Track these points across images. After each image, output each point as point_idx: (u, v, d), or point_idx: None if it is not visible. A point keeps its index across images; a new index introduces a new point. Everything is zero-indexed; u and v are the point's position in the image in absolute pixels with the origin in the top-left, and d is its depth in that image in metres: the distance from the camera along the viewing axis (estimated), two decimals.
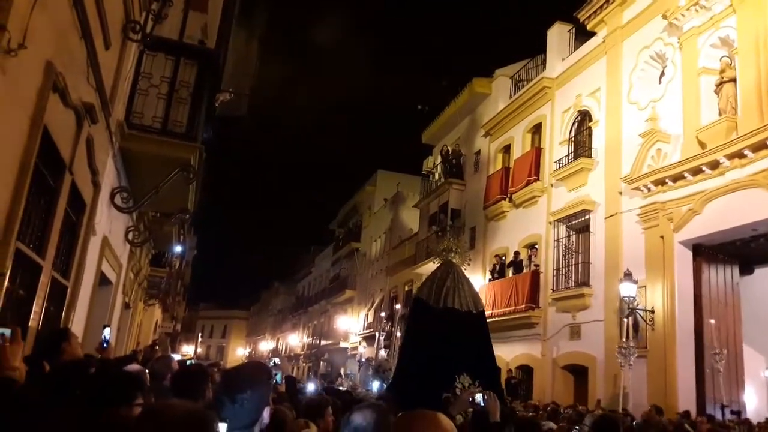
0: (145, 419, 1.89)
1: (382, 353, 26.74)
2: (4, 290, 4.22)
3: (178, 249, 19.99)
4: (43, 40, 4.24)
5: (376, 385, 17.61)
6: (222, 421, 2.35)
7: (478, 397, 5.48)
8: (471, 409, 5.56)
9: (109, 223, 8.40)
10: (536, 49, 21.86)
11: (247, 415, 2.65)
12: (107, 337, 5.89)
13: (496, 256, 21.13)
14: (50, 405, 2.59)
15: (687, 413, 11.72)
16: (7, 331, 3.14)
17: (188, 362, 8.00)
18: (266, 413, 2.79)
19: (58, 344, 4.11)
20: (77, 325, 7.18)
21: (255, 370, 2.96)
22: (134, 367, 4.30)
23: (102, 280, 8.87)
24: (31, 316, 5.18)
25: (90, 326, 8.19)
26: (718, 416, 11.98)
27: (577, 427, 9.27)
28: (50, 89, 4.48)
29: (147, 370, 4.69)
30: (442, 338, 10.07)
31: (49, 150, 4.87)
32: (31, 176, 4.40)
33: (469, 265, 12.39)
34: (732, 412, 12.25)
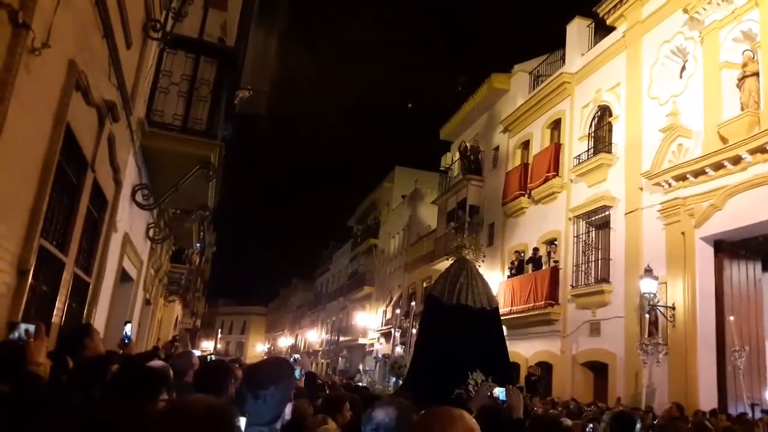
0: (168, 414, 1.91)
1: (398, 350, 26.75)
2: (28, 286, 4.29)
3: (198, 245, 20.14)
4: (66, 39, 4.29)
5: (392, 382, 17.64)
6: (242, 415, 2.37)
7: (497, 391, 5.46)
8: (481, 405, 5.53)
9: (130, 220, 8.49)
10: (555, 44, 21.71)
11: (269, 411, 2.67)
12: (129, 333, 5.97)
13: (515, 252, 21.04)
14: (69, 401, 2.63)
15: (714, 411, 11.59)
16: (32, 327, 3.19)
17: (208, 358, 8.03)
18: (288, 409, 2.81)
19: (81, 340, 4.16)
20: (99, 321, 7.27)
21: (278, 366, 2.97)
22: (158, 363, 4.34)
23: (123, 277, 8.97)
24: (55, 312, 5.25)
25: (111, 322, 8.29)
26: (748, 414, 11.81)
27: (591, 425, 9.22)
28: (73, 88, 4.54)
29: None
30: (455, 335, 10.09)
31: (71, 148, 4.94)
32: (54, 174, 4.46)
33: (483, 261, 12.35)
34: (763, 411, 12.07)
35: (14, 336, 3.17)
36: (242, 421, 2.42)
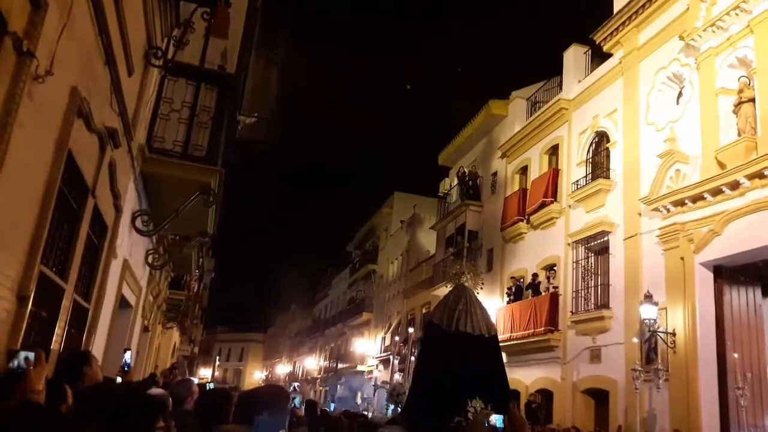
0: None
1: (397, 377, 26.57)
2: (28, 313, 4.26)
3: (197, 272, 20.09)
4: (69, 67, 4.32)
5: (391, 410, 17.47)
6: None
7: (494, 418, 5.41)
8: None
9: (129, 247, 8.48)
10: (552, 71, 21.93)
11: None
12: (128, 360, 5.93)
13: (512, 278, 21.03)
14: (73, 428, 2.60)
15: None
16: (31, 355, 3.16)
17: (207, 386, 7.97)
18: None
19: (80, 368, 4.12)
20: (97, 348, 7.22)
21: (273, 392, 2.97)
22: (158, 391, 4.31)
23: (122, 303, 8.93)
24: (54, 339, 5.22)
25: (110, 349, 8.23)
26: None
27: None
28: (75, 114, 4.56)
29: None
30: (454, 362, 10.01)
31: (73, 174, 4.95)
32: (55, 200, 4.46)
33: (482, 288, 12.33)
34: None
35: (14, 364, 3.15)
36: None
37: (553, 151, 20.67)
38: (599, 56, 19.04)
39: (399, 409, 13.99)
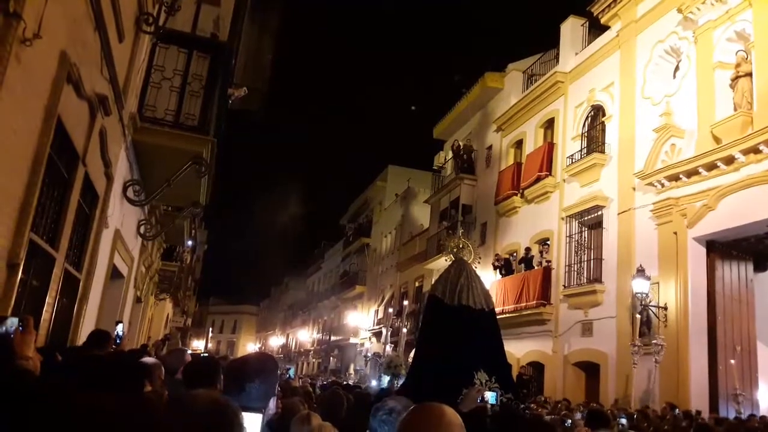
0: (173, 407, 1.87)
1: (389, 348, 26.75)
2: (18, 280, 4.22)
3: (190, 243, 20.06)
4: (58, 31, 4.23)
5: (386, 381, 17.60)
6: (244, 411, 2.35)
7: (488, 394, 5.46)
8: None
9: (121, 216, 8.42)
10: (549, 43, 21.71)
11: (254, 404, 2.65)
12: (120, 333, 5.92)
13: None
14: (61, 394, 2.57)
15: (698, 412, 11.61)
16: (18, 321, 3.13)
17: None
18: (272, 403, 2.81)
19: (107, 341, 4.16)
20: (89, 318, 7.20)
21: (263, 360, 2.97)
22: (150, 359, 4.30)
23: (114, 274, 8.90)
24: (45, 308, 5.19)
25: (102, 319, 8.21)
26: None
27: (569, 421, 9.32)
28: (64, 80, 4.48)
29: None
30: (457, 335, 10.11)
31: (63, 141, 4.88)
32: (45, 167, 4.40)
33: (479, 262, 12.36)
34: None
35: (2, 330, 3.11)
36: (254, 418, 2.42)
37: (549, 124, 20.56)
38: (597, 28, 18.87)
39: (396, 381, 14.13)
